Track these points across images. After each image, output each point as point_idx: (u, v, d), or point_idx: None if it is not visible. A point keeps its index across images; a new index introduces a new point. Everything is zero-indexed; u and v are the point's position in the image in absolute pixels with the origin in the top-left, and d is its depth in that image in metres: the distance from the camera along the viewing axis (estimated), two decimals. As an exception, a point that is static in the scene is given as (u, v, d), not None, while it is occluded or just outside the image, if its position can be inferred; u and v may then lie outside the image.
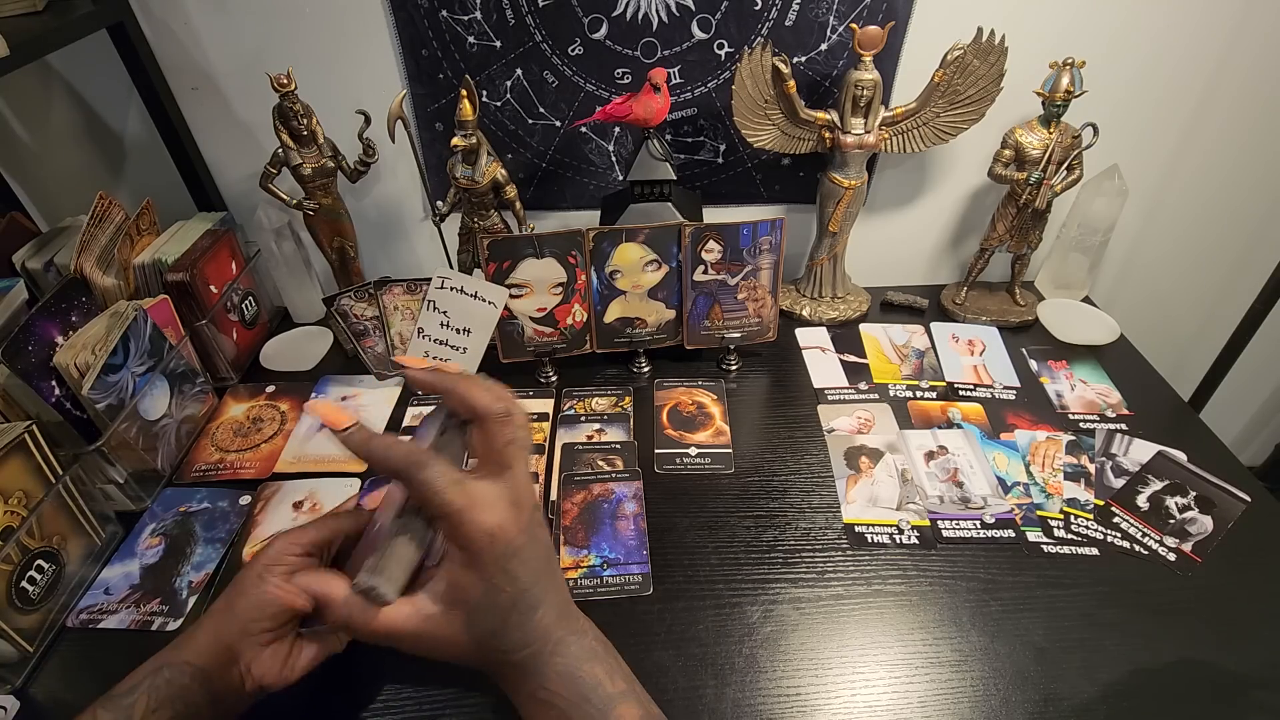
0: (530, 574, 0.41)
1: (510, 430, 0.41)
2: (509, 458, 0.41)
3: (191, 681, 0.43)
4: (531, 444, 0.44)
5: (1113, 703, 0.54)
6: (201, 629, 0.45)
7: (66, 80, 0.85)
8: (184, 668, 0.43)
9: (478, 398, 0.41)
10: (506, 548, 0.40)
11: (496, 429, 0.41)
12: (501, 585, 0.40)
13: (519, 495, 0.41)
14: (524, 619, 0.41)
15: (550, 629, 0.42)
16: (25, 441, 0.58)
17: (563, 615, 0.43)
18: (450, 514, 0.39)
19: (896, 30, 0.81)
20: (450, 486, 0.39)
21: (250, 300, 0.90)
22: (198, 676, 0.43)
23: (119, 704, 0.42)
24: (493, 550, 0.39)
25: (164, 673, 0.43)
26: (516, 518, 0.40)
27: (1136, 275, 1.07)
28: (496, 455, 0.41)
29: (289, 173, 0.82)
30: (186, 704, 0.42)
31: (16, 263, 0.75)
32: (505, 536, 0.40)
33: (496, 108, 0.87)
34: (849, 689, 0.55)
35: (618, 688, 0.42)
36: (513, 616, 0.41)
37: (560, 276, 0.79)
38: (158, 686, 0.42)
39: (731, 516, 0.69)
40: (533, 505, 0.42)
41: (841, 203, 0.87)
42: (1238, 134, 0.92)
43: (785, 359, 0.89)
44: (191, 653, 0.44)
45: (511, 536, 0.40)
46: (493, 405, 0.41)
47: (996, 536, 0.66)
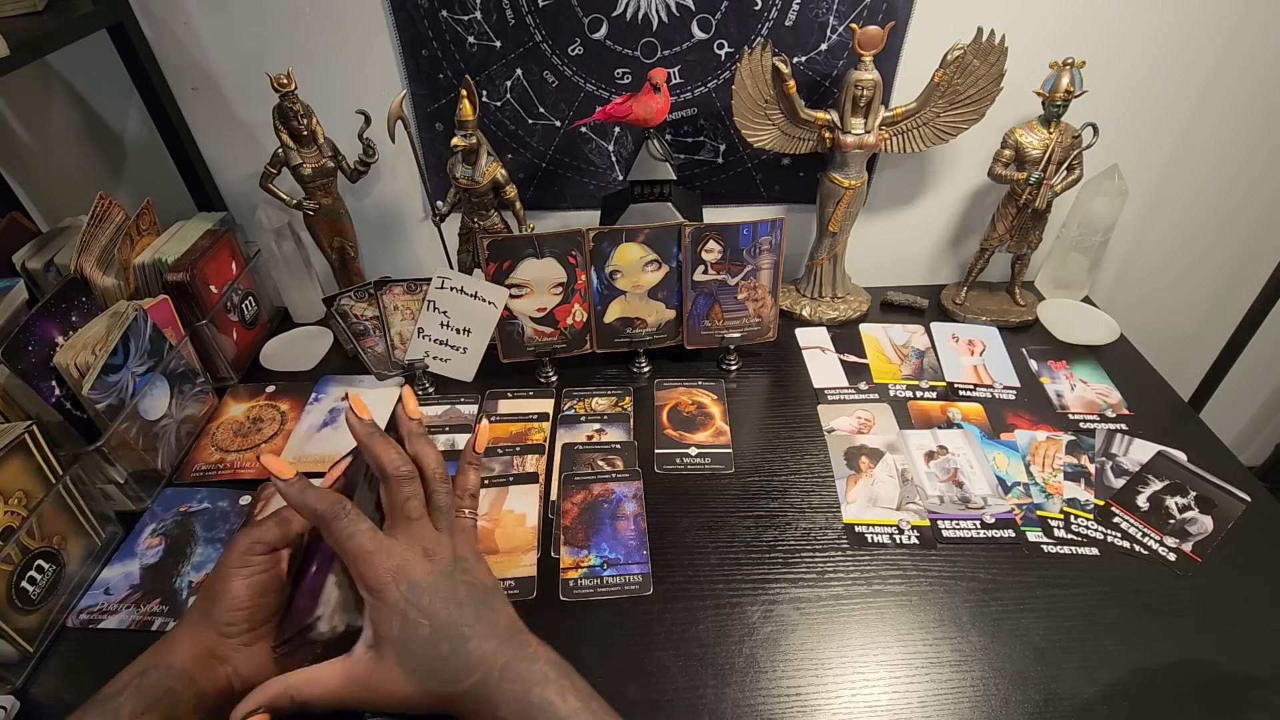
0: (448, 608, 0.43)
1: (408, 488, 0.45)
2: (409, 511, 0.45)
3: (177, 683, 0.43)
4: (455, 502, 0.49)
5: (1113, 703, 0.54)
6: (181, 633, 0.45)
7: (66, 80, 0.85)
8: (168, 670, 0.43)
9: (382, 457, 0.44)
10: (413, 587, 0.43)
11: (394, 488, 0.44)
12: (416, 620, 0.42)
13: (430, 546, 0.45)
14: (455, 649, 0.43)
15: (491, 656, 0.43)
16: (25, 441, 0.58)
17: (506, 642, 0.44)
18: (358, 556, 0.42)
19: (896, 30, 0.81)
20: (361, 532, 0.42)
21: (250, 300, 0.90)
22: (182, 678, 0.43)
23: (105, 707, 0.42)
24: (398, 589, 0.42)
25: (149, 675, 0.43)
26: (422, 561, 0.44)
27: (1136, 275, 1.07)
28: (399, 509, 0.45)
29: (289, 173, 0.82)
30: (173, 705, 0.42)
31: (16, 263, 0.75)
32: (410, 577, 0.43)
33: (496, 108, 0.87)
34: (849, 689, 0.55)
35: (570, 706, 0.42)
36: (440, 647, 0.42)
37: (560, 276, 0.79)
38: (144, 689, 0.42)
39: (731, 516, 0.69)
40: (451, 557, 0.45)
41: (841, 203, 0.87)
42: (1237, 134, 0.92)
43: (785, 359, 0.89)
44: (175, 655, 0.44)
45: (418, 577, 0.43)
46: (393, 466, 0.44)
47: (996, 536, 0.66)
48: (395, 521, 0.45)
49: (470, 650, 0.43)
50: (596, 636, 0.58)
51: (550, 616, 0.60)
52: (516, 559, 0.64)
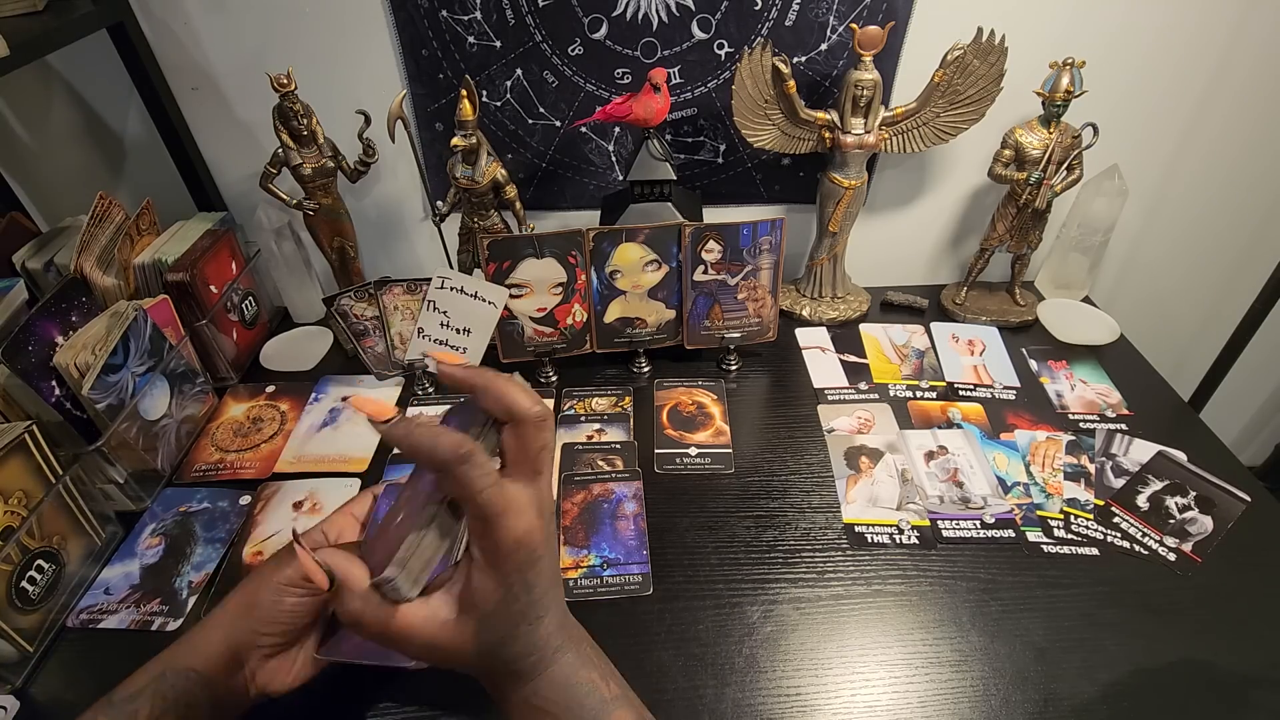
0: (544, 583, 0.40)
1: (546, 435, 0.40)
2: (541, 463, 0.40)
3: (194, 686, 0.43)
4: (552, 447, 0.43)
5: (1113, 703, 0.54)
6: (209, 634, 0.44)
7: (66, 80, 0.85)
8: (188, 673, 0.43)
9: (517, 399, 0.39)
10: (530, 555, 0.39)
11: (534, 433, 0.39)
12: (518, 593, 0.39)
13: (545, 503, 0.40)
14: (531, 629, 0.41)
15: (551, 638, 0.42)
16: (25, 441, 0.58)
17: (563, 624, 0.43)
18: (488, 515, 0.38)
19: (896, 30, 0.81)
20: (492, 486, 0.37)
21: (250, 300, 0.90)
22: (200, 681, 0.43)
23: (121, 709, 0.42)
24: (517, 557, 0.39)
25: (167, 678, 0.43)
26: (541, 526, 0.40)
27: (1136, 275, 1.07)
28: (530, 460, 0.39)
29: (289, 173, 0.82)
30: (189, 708, 0.42)
31: (16, 263, 0.75)
32: (531, 543, 0.39)
33: (496, 108, 0.87)
34: (849, 689, 0.55)
35: (613, 692, 0.42)
36: (521, 626, 0.40)
37: (560, 276, 0.79)
38: (161, 692, 0.42)
39: (731, 516, 0.69)
40: (550, 514, 0.41)
41: (841, 203, 0.87)
42: (1238, 134, 0.92)
43: (785, 359, 0.89)
44: (196, 658, 0.44)
45: (536, 543, 0.39)
46: (532, 409, 0.39)
47: (996, 536, 0.66)
48: (519, 472, 0.39)
49: (540, 630, 0.41)
50: (596, 636, 0.58)
51: (550, 616, 0.60)
52: (516, 559, 0.64)
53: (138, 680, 0.43)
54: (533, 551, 0.39)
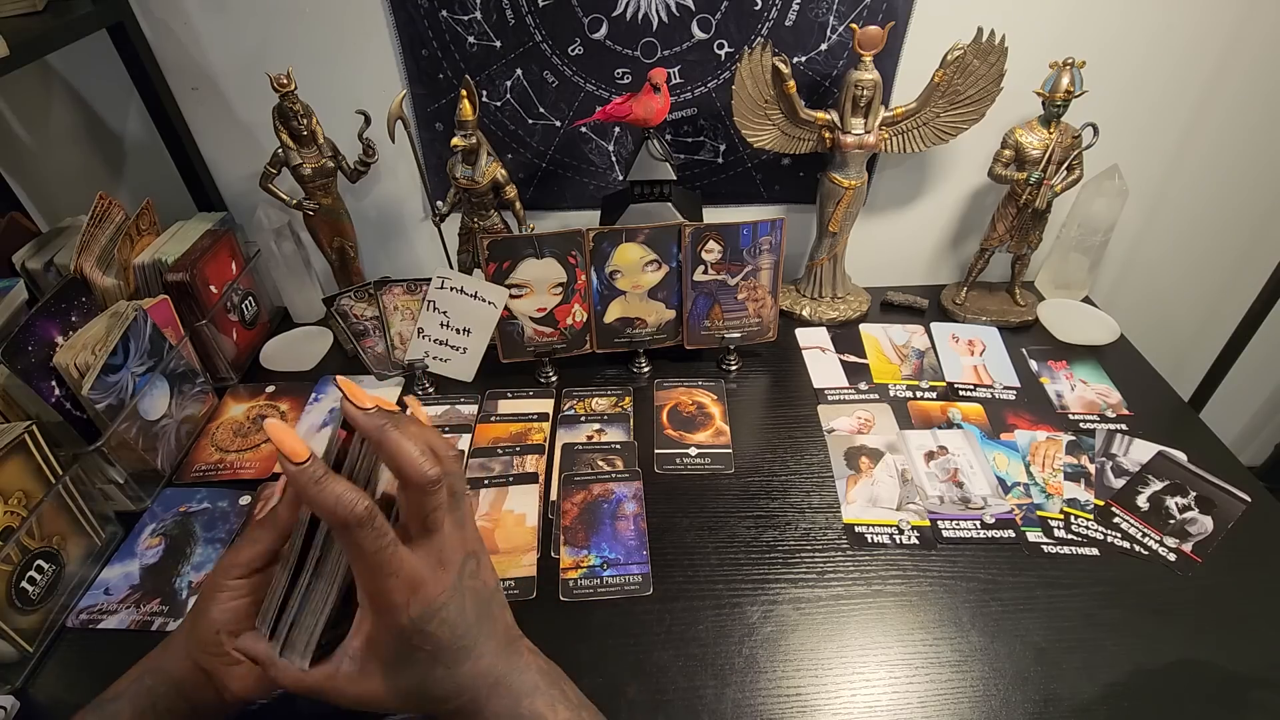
0: (452, 631, 0.39)
1: (438, 498, 0.38)
2: (435, 522, 0.39)
3: (171, 691, 0.43)
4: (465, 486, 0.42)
5: (1113, 703, 0.54)
6: (174, 644, 0.45)
7: (66, 80, 0.85)
8: (165, 678, 0.43)
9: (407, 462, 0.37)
10: (424, 610, 0.38)
11: (421, 497, 0.38)
12: (419, 644, 0.39)
13: (446, 553, 0.39)
14: (450, 671, 0.40)
15: (483, 674, 0.41)
16: (25, 441, 0.58)
17: (500, 654, 0.42)
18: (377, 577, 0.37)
19: (896, 30, 0.81)
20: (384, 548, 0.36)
21: (250, 300, 0.90)
22: (177, 689, 0.43)
23: (105, 709, 0.42)
24: (409, 614, 0.38)
25: (146, 680, 0.43)
26: (438, 579, 0.39)
27: (1136, 275, 1.07)
28: (421, 521, 0.39)
29: (289, 173, 0.82)
30: (170, 711, 0.42)
31: (16, 263, 0.75)
32: (424, 599, 0.38)
33: (496, 108, 0.87)
34: (849, 689, 0.55)
35: (560, 717, 0.41)
36: (436, 671, 0.39)
37: (560, 276, 0.79)
38: (141, 694, 0.42)
39: (731, 516, 0.69)
40: (462, 558, 0.40)
41: (841, 203, 0.87)
42: (1238, 134, 0.92)
43: (785, 359, 0.89)
44: (171, 664, 0.44)
45: (430, 598, 0.38)
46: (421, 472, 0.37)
47: (996, 537, 0.66)
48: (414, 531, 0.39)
49: (465, 670, 0.40)
50: (596, 636, 0.58)
51: (550, 617, 0.60)
52: (516, 559, 0.64)
53: (120, 684, 0.43)
54: (426, 606, 0.38)
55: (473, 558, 0.42)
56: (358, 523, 0.36)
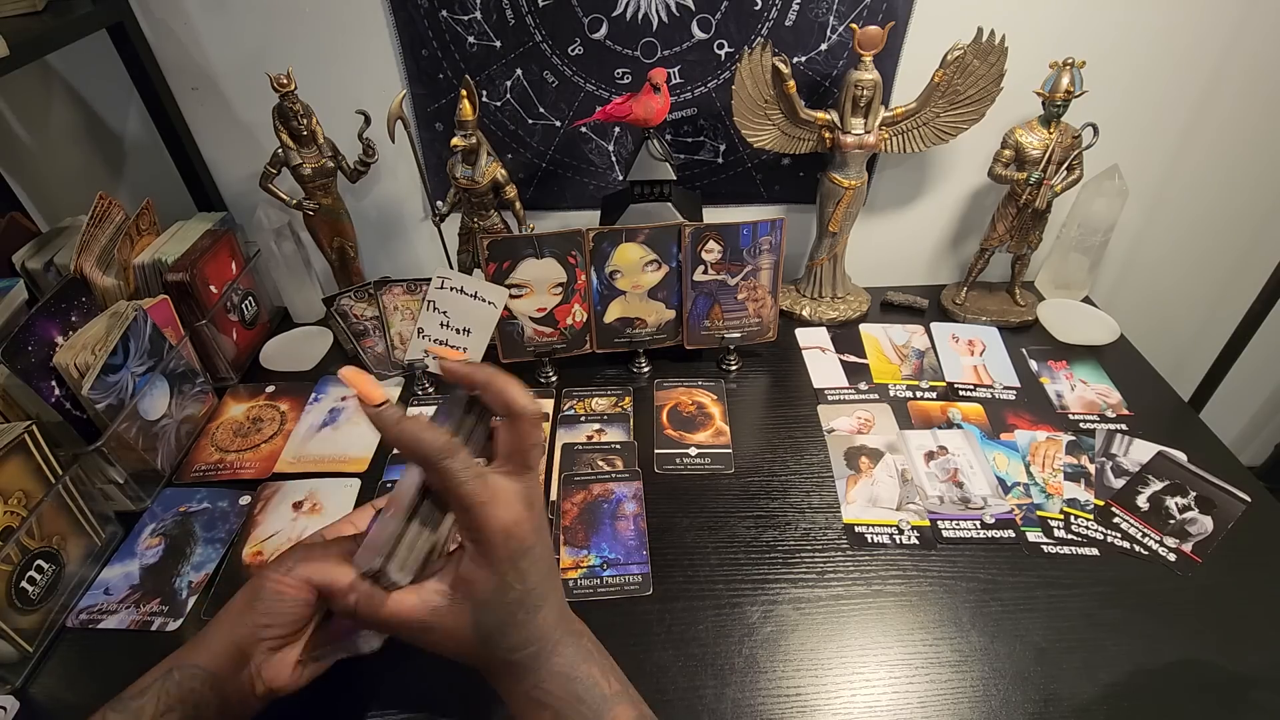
0: (538, 573, 0.41)
1: (539, 432, 0.41)
2: (532, 458, 0.41)
3: (201, 685, 0.43)
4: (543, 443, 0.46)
5: (1113, 703, 0.54)
6: (214, 631, 0.45)
7: (66, 80, 0.85)
8: (194, 670, 0.43)
9: (516, 396, 0.41)
10: (519, 545, 0.40)
11: (528, 429, 0.41)
12: (512, 582, 0.40)
13: (534, 496, 0.42)
14: (529, 618, 0.41)
15: (550, 629, 0.42)
16: (25, 441, 0.58)
17: (562, 616, 0.44)
18: (472, 506, 0.39)
19: (896, 30, 0.81)
20: (475, 479, 0.39)
21: (250, 300, 0.90)
22: (207, 680, 0.43)
23: (128, 706, 0.42)
24: (507, 547, 0.40)
25: (174, 675, 0.43)
26: (530, 517, 0.41)
27: (1136, 275, 1.07)
28: (521, 455, 0.41)
29: (289, 173, 0.82)
30: (196, 707, 0.42)
31: (16, 263, 0.75)
32: (520, 534, 0.40)
33: (496, 108, 0.87)
34: (849, 689, 0.55)
35: (613, 689, 0.42)
36: (519, 614, 0.41)
37: (560, 276, 0.79)
38: (167, 689, 0.42)
39: (731, 516, 0.69)
40: (542, 508, 0.43)
41: (841, 203, 0.87)
42: (1238, 134, 0.92)
43: (785, 359, 0.89)
44: (202, 655, 0.44)
45: (525, 534, 0.40)
46: (529, 407, 0.41)
47: (996, 537, 0.66)
48: (510, 466, 0.41)
49: (539, 620, 0.42)
50: (597, 636, 0.58)
51: (550, 616, 0.60)
52: (516, 559, 0.64)
53: (146, 679, 0.43)
54: (521, 542, 0.40)
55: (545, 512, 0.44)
56: (443, 453, 0.38)
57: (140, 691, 0.43)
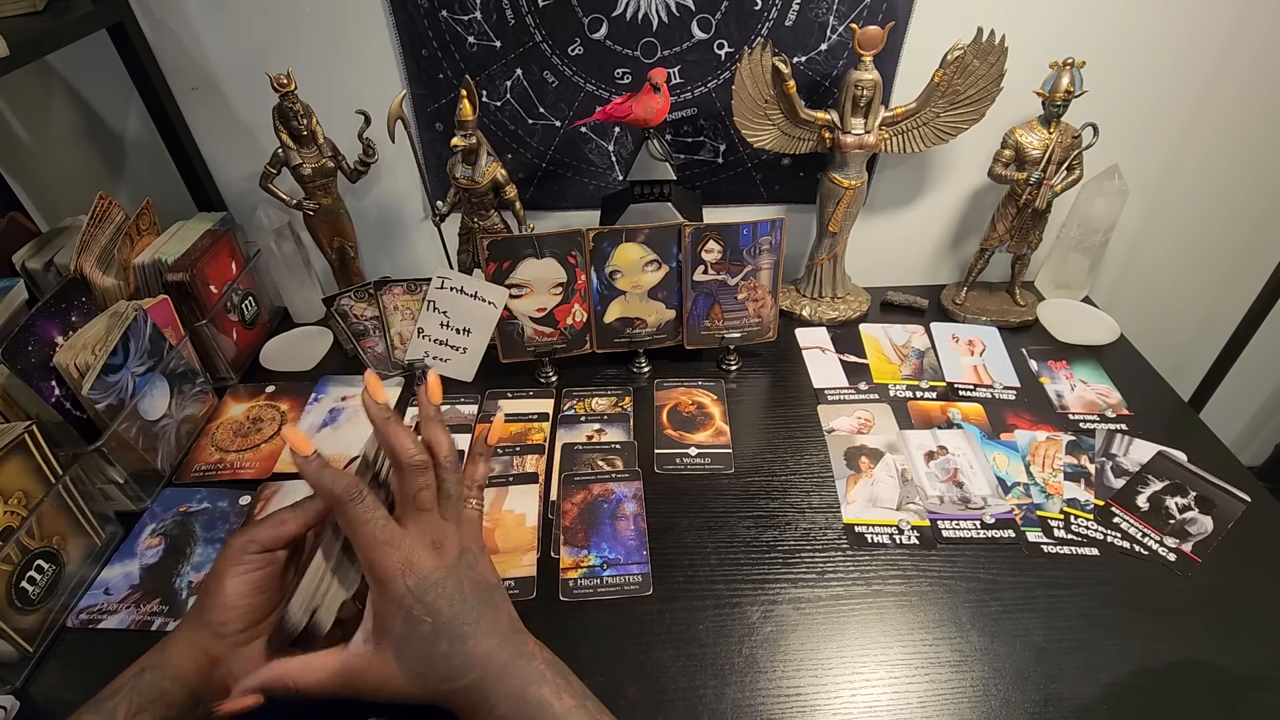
0: (451, 605, 0.43)
1: (421, 479, 0.44)
2: (421, 503, 0.44)
3: (172, 684, 0.43)
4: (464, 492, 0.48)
5: (1113, 703, 0.54)
6: (179, 633, 0.46)
7: (66, 80, 0.85)
8: (166, 669, 0.43)
9: (398, 445, 0.43)
10: (421, 582, 0.42)
11: (407, 477, 0.44)
12: (420, 616, 0.42)
13: (438, 538, 0.44)
14: (455, 648, 0.42)
15: (489, 655, 0.43)
16: (25, 441, 0.58)
17: (506, 640, 0.44)
18: (368, 545, 0.42)
19: (896, 30, 0.81)
20: (374, 519, 0.42)
21: (250, 300, 0.90)
22: (178, 679, 0.43)
23: (102, 707, 0.42)
24: (405, 582, 0.42)
25: (145, 675, 0.43)
26: (433, 556, 0.43)
27: (1136, 275, 1.07)
28: (410, 500, 0.44)
29: (289, 173, 0.82)
30: (169, 706, 0.42)
31: (16, 263, 0.75)
32: (419, 571, 0.42)
33: (496, 108, 0.87)
34: (849, 689, 0.55)
35: (565, 704, 0.42)
36: (440, 645, 0.42)
37: (560, 276, 0.79)
38: (140, 689, 0.43)
39: (731, 516, 0.69)
40: (458, 549, 0.45)
41: (841, 203, 0.87)
42: (1238, 134, 0.92)
43: (785, 359, 0.89)
44: (173, 656, 0.44)
45: (426, 572, 0.42)
46: (407, 454, 0.43)
47: (996, 537, 0.66)
48: (405, 511, 0.44)
49: (470, 648, 0.43)
50: (596, 636, 0.58)
51: (550, 617, 0.60)
52: (516, 559, 0.64)
53: (120, 680, 0.43)
54: (422, 579, 0.42)
55: (469, 552, 0.46)
56: (349, 498, 0.42)
57: (113, 693, 0.43)
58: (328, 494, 0.42)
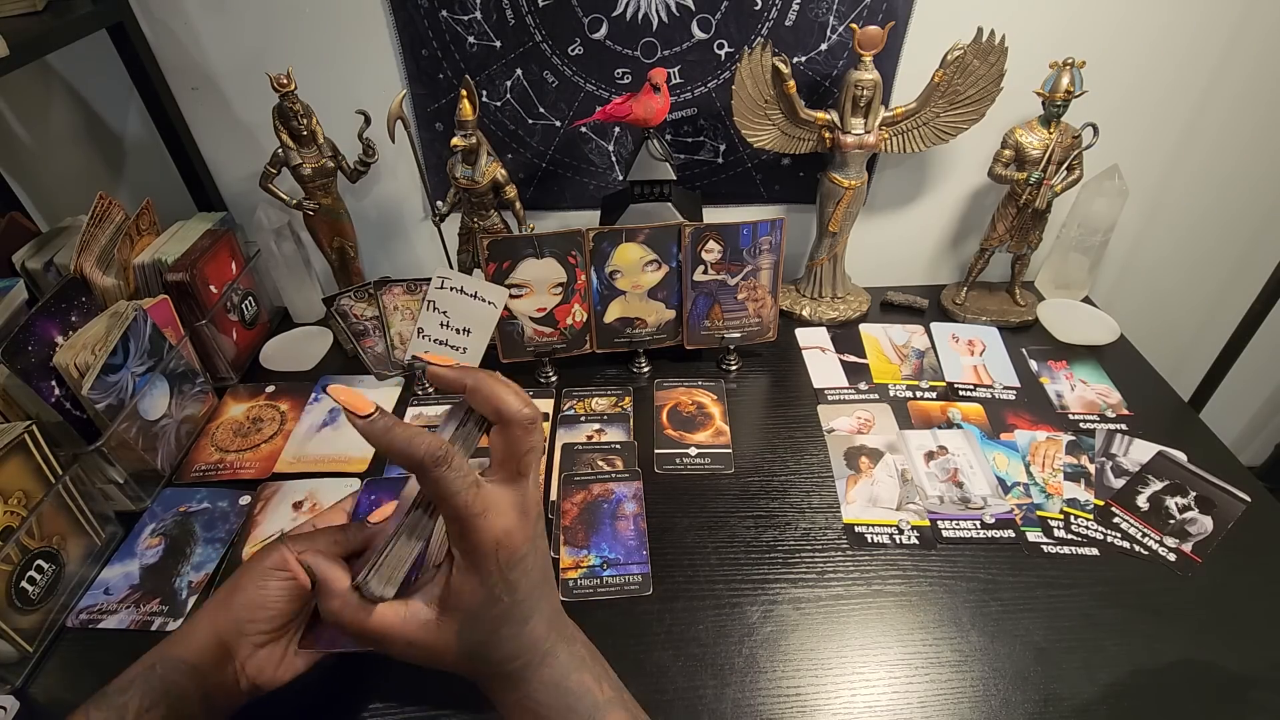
0: (529, 584, 0.40)
1: (533, 438, 0.39)
2: (527, 465, 0.40)
3: (185, 679, 0.43)
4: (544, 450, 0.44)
5: (1113, 703, 0.54)
6: (197, 624, 0.45)
7: (66, 80, 0.85)
8: (178, 664, 0.43)
9: (506, 400, 0.39)
10: (511, 556, 0.39)
11: (521, 435, 0.39)
12: (500, 594, 0.39)
13: (529, 504, 0.40)
14: (517, 630, 0.41)
15: (540, 639, 0.42)
16: (25, 441, 0.58)
17: (554, 624, 0.43)
18: (463, 516, 0.38)
19: (896, 30, 0.81)
20: (468, 488, 0.37)
21: (250, 300, 0.90)
22: (191, 674, 0.43)
23: (112, 702, 0.42)
24: (497, 558, 0.39)
25: (157, 669, 0.43)
26: (523, 526, 0.40)
27: (1136, 275, 1.07)
28: (515, 461, 0.39)
29: (289, 173, 0.82)
30: (180, 701, 0.42)
31: (16, 263, 0.75)
32: (511, 544, 0.39)
33: (496, 108, 0.87)
34: (849, 689, 0.55)
35: (605, 695, 0.42)
36: (506, 628, 0.40)
37: (560, 276, 0.79)
38: (151, 684, 0.42)
39: (731, 516, 0.69)
40: (538, 514, 0.42)
41: (841, 203, 0.87)
42: (1238, 134, 0.92)
43: (785, 359, 0.89)
44: (186, 649, 0.44)
45: (517, 545, 0.39)
46: (521, 410, 0.39)
47: (996, 537, 0.66)
48: (502, 473, 0.39)
49: (528, 632, 0.41)
50: (596, 636, 0.58)
51: (550, 616, 0.60)
52: (516, 559, 0.64)
53: (130, 673, 0.43)
54: (513, 553, 0.39)
55: (542, 517, 0.42)
56: (435, 461, 0.36)
57: (124, 687, 0.42)
58: (406, 459, 0.37)
